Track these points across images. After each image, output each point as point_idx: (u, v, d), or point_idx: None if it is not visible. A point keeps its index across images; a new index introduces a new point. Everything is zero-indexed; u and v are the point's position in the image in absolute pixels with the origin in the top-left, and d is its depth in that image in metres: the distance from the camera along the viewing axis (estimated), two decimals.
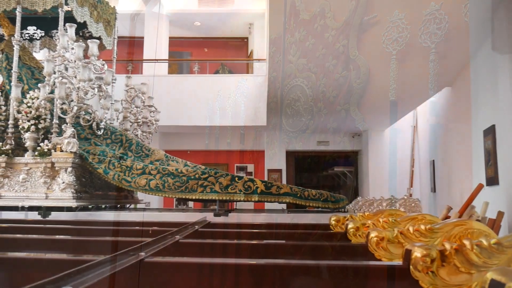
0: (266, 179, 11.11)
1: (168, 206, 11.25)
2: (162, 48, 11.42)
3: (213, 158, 11.99)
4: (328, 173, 14.42)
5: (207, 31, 13.14)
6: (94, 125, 4.88)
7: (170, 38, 12.13)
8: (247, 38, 13.62)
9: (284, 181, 11.38)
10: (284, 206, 7.16)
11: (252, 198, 4.64)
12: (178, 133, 11.50)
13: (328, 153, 12.84)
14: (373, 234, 1.74)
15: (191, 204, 10.97)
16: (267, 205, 8.64)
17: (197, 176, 4.69)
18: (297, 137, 12.03)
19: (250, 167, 12.16)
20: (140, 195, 6.42)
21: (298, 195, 4.76)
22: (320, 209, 5.01)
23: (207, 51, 14.02)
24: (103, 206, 5.33)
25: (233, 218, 4.30)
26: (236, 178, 4.68)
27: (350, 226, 2.26)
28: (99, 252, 1.84)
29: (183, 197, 4.72)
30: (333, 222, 2.80)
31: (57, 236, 2.43)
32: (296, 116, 9.84)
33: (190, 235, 1.90)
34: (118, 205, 5.88)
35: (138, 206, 6.90)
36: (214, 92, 9.92)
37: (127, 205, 6.22)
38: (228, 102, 9.81)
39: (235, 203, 5.46)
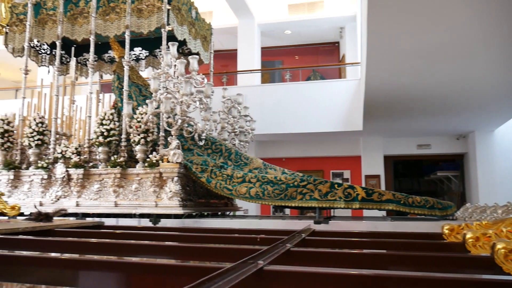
0: (363, 185, 10.79)
1: (265, 213, 11.43)
2: (255, 59, 11.70)
3: (308, 165, 11.95)
4: (430, 178, 13.62)
5: (297, 38, 13.22)
6: (196, 136, 5.12)
7: (262, 48, 12.39)
8: (338, 42, 13.44)
9: (382, 187, 10.97)
10: (383, 213, 6.88)
11: (353, 206, 4.51)
12: (273, 141, 11.67)
13: (429, 156, 12.13)
14: (500, 246, 1.58)
15: (287, 211, 11.04)
16: (366, 212, 8.38)
17: (295, 183, 4.69)
18: (395, 141, 11.54)
19: (346, 173, 11.91)
20: (238, 202, 6.60)
21: (402, 202, 4.53)
22: (424, 216, 4.73)
23: (298, 59, 14.09)
24: (206, 213, 5.56)
25: (334, 225, 4.22)
26: (336, 185, 4.59)
27: (468, 235, 2.09)
28: (210, 258, 1.91)
29: (283, 204, 4.75)
30: (446, 231, 2.61)
31: (167, 243, 2.55)
32: (395, 118, 9.44)
33: (298, 244, 1.90)
34: (219, 213, 6.10)
35: (237, 213, 7.10)
36: (306, 99, 9.92)
37: (227, 212, 6.42)
38: (321, 108, 9.74)
39: (331, 210, 5.36)
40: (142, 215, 4.95)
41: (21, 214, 3.98)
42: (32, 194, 5.54)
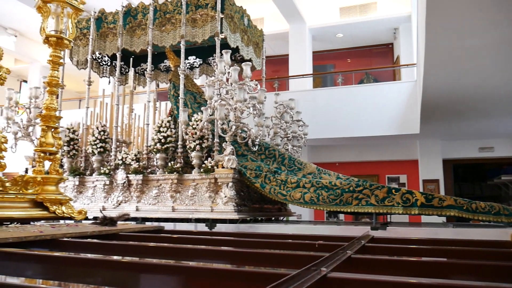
0: (421, 190, 10.40)
1: (318, 218, 11.31)
2: (306, 63, 11.65)
3: (362, 169, 11.70)
4: (494, 182, 12.88)
5: (349, 41, 13.03)
6: (249, 142, 5.16)
7: (313, 52, 12.31)
8: (392, 43, 13.10)
9: (441, 191, 10.52)
10: (443, 219, 6.55)
11: (412, 211, 4.35)
12: (326, 145, 11.54)
13: (493, 160, 11.48)
14: None
15: (341, 216, 10.84)
16: (424, 218, 8.06)
17: (351, 188, 4.60)
18: (455, 144, 11.04)
19: (403, 178, 11.53)
20: (292, 207, 6.56)
21: (464, 207, 4.30)
22: (489, 223, 4.46)
23: (351, 62, 13.86)
24: (260, 218, 5.58)
25: (392, 232, 4.10)
26: (393, 190, 4.45)
27: None
28: (267, 264, 1.91)
29: (338, 210, 4.67)
30: None
31: (223, 248, 2.56)
32: (455, 120, 9.04)
33: (359, 251, 1.86)
34: (273, 218, 6.10)
35: (290, 218, 7.06)
36: (360, 102, 9.74)
37: (281, 218, 6.41)
38: (375, 111, 9.51)
39: (387, 216, 5.20)
40: (198, 220, 5.06)
41: (86, 218, 4.18)
42: (96, 199, 5.82)
